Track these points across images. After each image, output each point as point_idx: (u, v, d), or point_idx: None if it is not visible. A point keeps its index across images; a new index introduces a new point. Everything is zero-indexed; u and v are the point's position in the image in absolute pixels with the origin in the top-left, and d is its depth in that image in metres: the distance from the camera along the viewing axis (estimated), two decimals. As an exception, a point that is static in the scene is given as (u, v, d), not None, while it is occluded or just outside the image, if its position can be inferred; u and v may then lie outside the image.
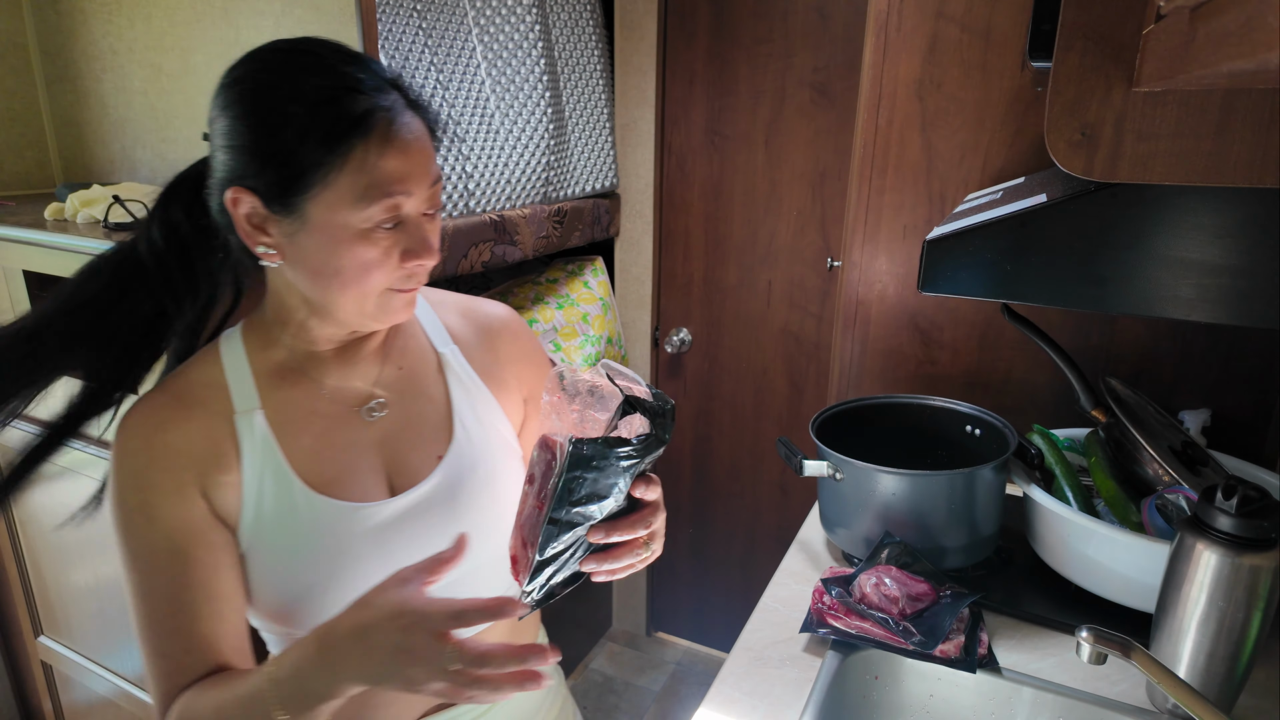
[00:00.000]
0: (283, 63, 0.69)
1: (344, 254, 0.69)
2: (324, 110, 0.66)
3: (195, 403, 0.74)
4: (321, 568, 0.74)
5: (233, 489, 0.73)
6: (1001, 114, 1.31)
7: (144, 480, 0.71)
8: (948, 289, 0.85)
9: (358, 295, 0.72)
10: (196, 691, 0.69)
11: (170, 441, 0.71)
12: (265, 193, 0.68)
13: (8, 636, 1.93)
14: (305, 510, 0.74)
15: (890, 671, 0.98)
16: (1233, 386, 1.27)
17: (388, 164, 0.67)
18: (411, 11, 1.56)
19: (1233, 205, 0.69)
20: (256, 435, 0.74)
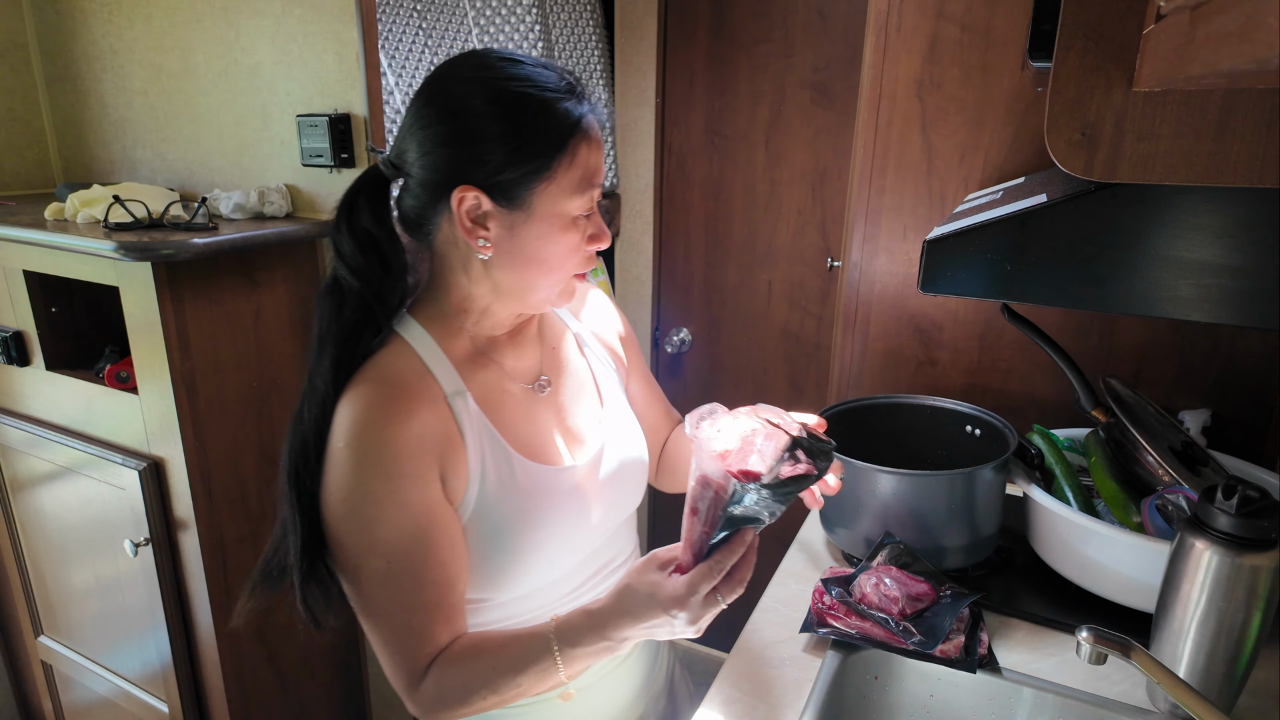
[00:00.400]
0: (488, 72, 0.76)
1: (558, 240, 0.78)
2: (557, 112, 0.75)
3: (417, 391, 0.78)
4: (535, 529, 0.82)
5: (462, 467, 0.79)
6: (1001, 114, 1.31)
7: (395, 469, 0.75)
8: (948, 289, 0.85)
9: (556, 279, 0.81)
10: (460, 656, 0.77)
11: (414, 429, 0.76)
12: (494, 189, 0.76)
13: (8, 636, 1.93)
14: (523, 477, 0.82)
15: (890, 672, 0.98)
16: (1233, 386, 1.27)
17: (594, 157, 0.78)
18: (411, 11, 1.56)
19: (1233, 205, 0.69)
20: (472, 414, 0.81)
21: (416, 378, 0.79)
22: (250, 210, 1.49)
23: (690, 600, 0.69)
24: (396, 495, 0.75)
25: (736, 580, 0.71)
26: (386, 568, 0.75)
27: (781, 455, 0.68)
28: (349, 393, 0.77)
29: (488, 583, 0.83)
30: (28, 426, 1.58)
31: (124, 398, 1.42)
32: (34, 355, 1.55)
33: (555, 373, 0.92)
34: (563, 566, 0.88)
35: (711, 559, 0.69)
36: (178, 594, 1.48)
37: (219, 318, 1.39)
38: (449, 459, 0.78)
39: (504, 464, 0.81)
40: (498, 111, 0.74)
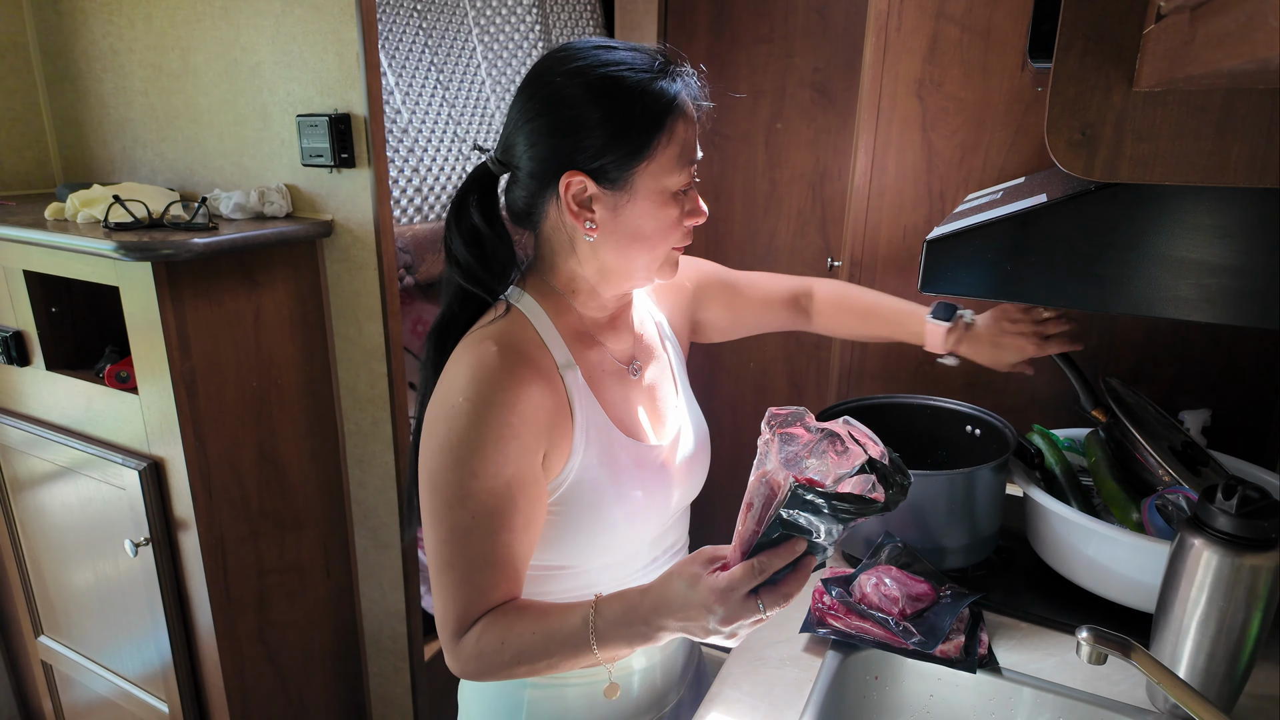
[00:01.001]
0: (598, 60, 0.79)
1: (659, 216, 0.81)
2: (651, 92, 0.78)
3: (535, 360, 0.82)
4: (626, 501, 0.86)
5: (567, 439, 0.82)
6: (1002, 114, 1.31)
7: (507, 430, 0.77)
8: (948, 289, 0.85)
9: (659, 253, 0.84)
10: (505, 614, 0.79)
11: (533, 397, 0.79)
12: (600, 172, 0.79)
13: (8, 636, 1.93)
14: (620, 451, 0.86)
15: (890, 672, 0.98)
16: (1233, 386, 1.27)
17: (691, 133, 0.81)
18: (411, 11, 1.56)
19: (1233, 205, 0.69)
20: (580, 388, 0.84)
21: (534, 347, 0.83)
22: (250, 210, 1.49)
23: (729, 597, 0.69)
24: (501, 454, 0.77)
25: (782, 592, 0.70)
26: (471, 521, 0.78)
27: (851, 469, 0.67)
28: (468, 349, 0.81)
29: (575, 550, 0.87)
30: (28, 426, 1.58)
31: (124, 398, 1.42)
32: (34, 355, 1.55)
33: (644, 357, 0.96)
34: (639, 541, 0.91)
35: (756, 558, 0.69)
36: (178, 594, 1.48)
37: (219, 318, 1.39)
38: (556, 431, 0.81)
39: (605, 437, 0.85)
40: (595, 98, 0.77)
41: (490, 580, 0.79)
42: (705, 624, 0.71)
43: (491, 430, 0.77)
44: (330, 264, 1.56)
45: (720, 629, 0.71)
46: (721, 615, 0.69)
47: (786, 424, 0.72)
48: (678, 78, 0.80)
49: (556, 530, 0.86)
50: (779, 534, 0.68)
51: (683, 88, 0.81)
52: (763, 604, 0.70)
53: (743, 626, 0.71)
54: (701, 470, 0.99)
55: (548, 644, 0.77)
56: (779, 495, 0.66)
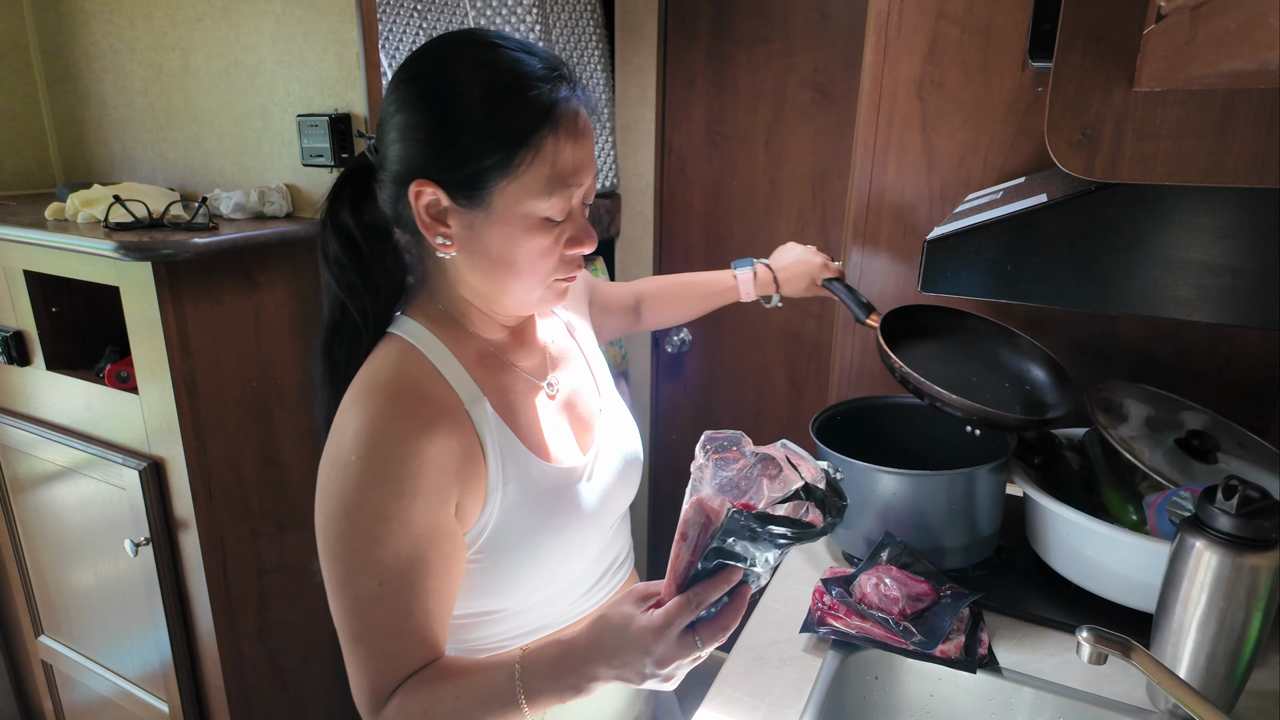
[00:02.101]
0: (464, 55, 0.70)
1: (523, 243, 0.72)
2: (513, 101, 0.68)
3: (436, 401, 0.74)
4: (557, 531, 0.80)
5: (481, 483, 0.75)
6: (1002, 114, 1.31)
7: (410, 487, 0.69)
8: (948, 289, 0.85)
9: (529, 284, 0.75)
10: (427, 681, 0.72)
11: (435, 444, 0.71)
12: (449, 185, 0.70)
13: (8, 636, 1.93)
14: (541, 480, 0.79)
15: (890, 672, 0.98)
16: (1233, 386, 1.27)
17: (569, 154, 0.71)
18: (412, 11, 1.56)
19: (1233, 205, 0.69)
20: (491, 423, 0.77)
21: (432, 385, 0.75)
22: (250, 210, 1.49)
23: (665, 634, 0.63)
24: (405, 515, 0.70)
25: (720, 626, 0.65)
26: (379, 589, 0.70)
27: (786, 493, 0.63)
28: (357, 398, 0.73)
29: (512, 593, 0.80)
30: (28, 426, 1.58)
31: (124, 398, 1.42)
32: (34, 355, 1.55)
33: (558, 367, 0.90)
34: (579, 566, 0.85)
35: (692, 590, 0.64)
36: (178, 594, 1.48)
37: (219, 318, 1.39)
38: (468, 475, 0.74)
39: (524, 470, 0.78)
40: (456, 98, 0.68)
41: (406, 647, 0.72)
42: (641, 667, 0.65)
43: (391, 490, 0.69)
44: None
45: (657, 671, 0.65)
46: (658, 655, 0.64)
47: (723, 448, 0.69)
48: (563, 90, 0.70)
49: (487, 577, 0.78)
50: (715, 563, 0.64)
51: (569, 101, 0.70)
52: (700, 640, 0.64)
53: (680, 667, 0.65)
54: (635, 474, 0.92)
55: (473, 708, 0.70)
56: (715, 523, 0.62)
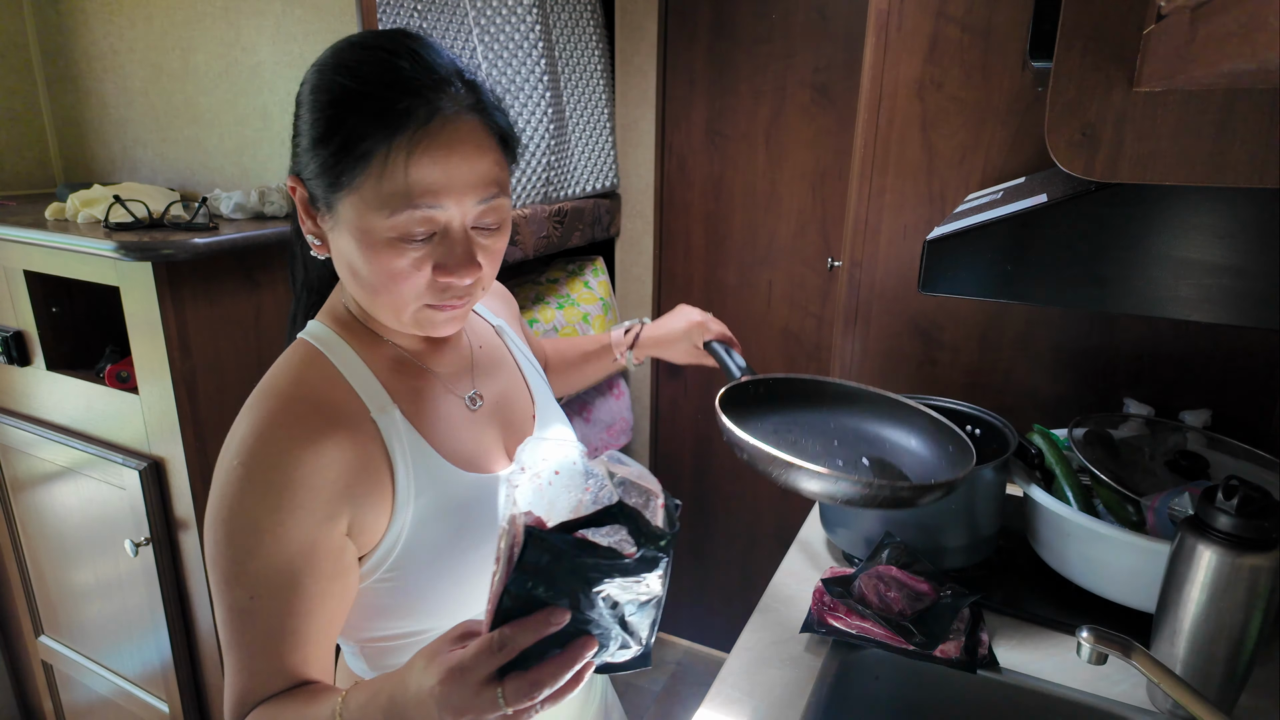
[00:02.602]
0: (337, 59, 0.67)
1: (371, 259, 0.66)
2: (354, 109, 0.63)
3: (333, 408, 0.69)
4: (477, 545, 0.74)
5: (385, 497, 0.70)
6: (1002, 114, 1.31)
7: (286, 500, 0.65)
8: (948, 289, 0.85)
9: (390, 304, 0.69)
10: (277, 706, 0.67)
11: (323, 458, 0.66)
12: (310, 185, 0.69)
13: (8, 636, 1.93)
14: (459, 491, 0.74)
15: (891, 672, 0.98)
16: (1233, 386, 1.27)
17: (416, 172, 0.63)
18: (412, 11, 1.56)
19: (1233, 205, 0.69)
20: (400, 431, 0.72)
21: (333, 391, 0.71)
22: (250, 210, 1.49)
23: (460, 679, 0.54)
24: (280, 529, 0.65)
25: (531, 680, 0.54)
26: (249, 603, 0.65)
27: (597, 516, 0.55)
28: (252, 403, 0.69)
29: (430, 613, 0.74)
30: (28, 426, 1.58)
31: (124, 398, 1.42)
32: (34, 355, 1.55)
33: (486, 374, 0.85)
34: None
35: (499, 631, 0.54)
36: (178, 594, 1.48)
37: (219, 318, 1.39)
38: (367, 490, 0.69)
39: (439, 480, 0.73)
40: (313, 102, 0.66)
41: (272, 667, 0.67)
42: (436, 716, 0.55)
43: (268, 503, 0.64)
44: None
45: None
46: (453, 705, 0.54)
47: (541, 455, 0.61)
48: (432, 101, 0.63)
49: (404, 596, 0.72)
50: (523, 593, 0.54)
51: (430, 115, 0.63)
52: (503, 695, 0.54)
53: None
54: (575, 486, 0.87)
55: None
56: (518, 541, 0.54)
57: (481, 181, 0.66)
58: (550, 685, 0.55)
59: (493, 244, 0.70)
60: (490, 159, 0.67)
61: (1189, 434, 1.18)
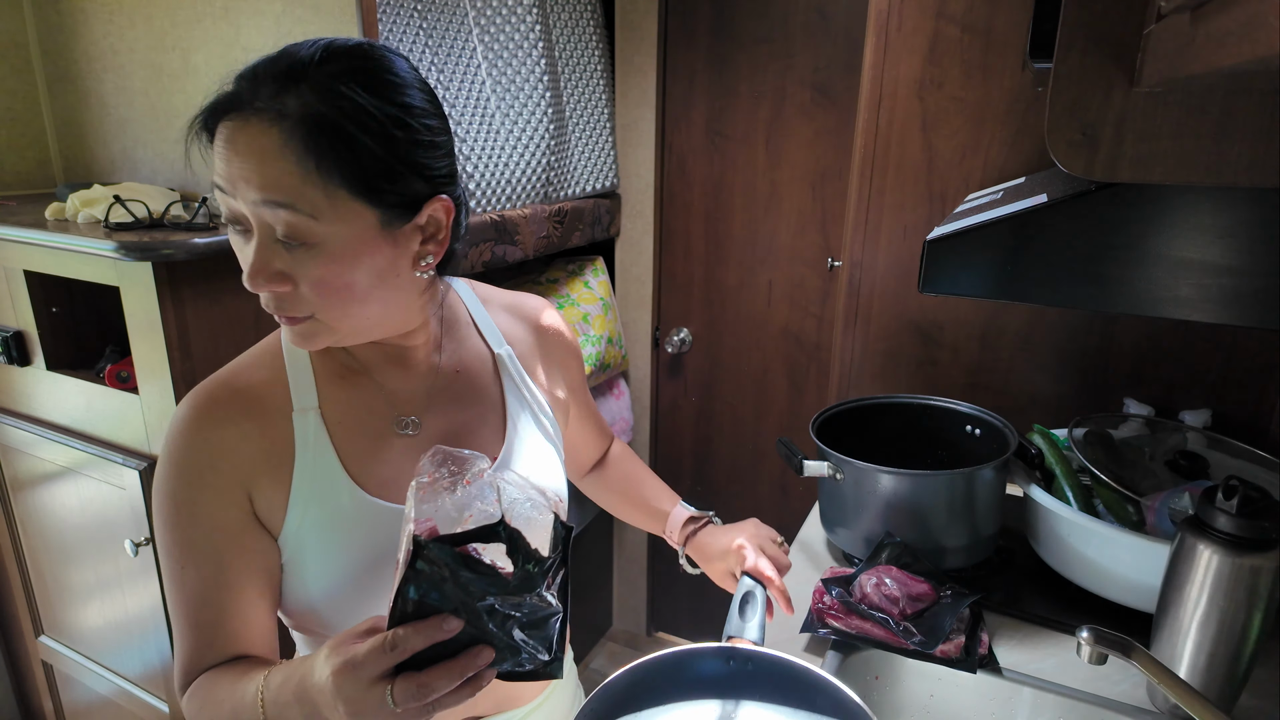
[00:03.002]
0: None
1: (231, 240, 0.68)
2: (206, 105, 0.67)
3: (255, 399, 0.72)
4: (364, 572, 0.73)
5: (281, 490, 0.72)
6: (1002, 114, 1.31)
7: (194, 477, 0.70)
8: (948, 289, 0.85)
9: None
10: (213, 677, 0.70)
11: (225, 440, 0.70)
12: None
13: (8, 636, 1.93)
14: (352, 511, 0.73)
15: (891, 672, 0.98)
16: (1233, 386, 1.27)
17: (217, 163, 0.66)
18: (412, 11, 1.56)
19: (1233, 205, 0.69)
20: (310, 435, 0.73)
21: (266, 387, 0.73)
22: (250, 210, 1.49)
23: (354, 672, 0.55)
24: (193, 505, 0.70)
25: (420, 682, 0.55)
26: (180, 573, 0.71)
27: (481, 531, 0.56)
28: (196, 386, 0.74)
29: (325, 621, 0.75)
30: (28, 426, 1.58)
31: (124, 398, 1.42)
32: (34, 355, 1.54)
33: (449, 402, 0.81)
34: None
35: (394, 631, 0.55)
36: (178, 594, 1.48)
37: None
38: (261, 478, 0.71)
39: (334, 492, 0.72)
40: None
41: (202, 639, 0.71)
42: (332, 708, 0.57)
43: (181, 480, 0.70)
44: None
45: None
46: (345, 697, 0.56)
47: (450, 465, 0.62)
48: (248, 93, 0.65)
49: (298, 593, 0.74)
50: (417, 598, 0.55)
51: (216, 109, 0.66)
52: (393, 695, 0.55)
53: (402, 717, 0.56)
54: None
55: (230, 716, 0.66)
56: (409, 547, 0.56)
57: (256, 181, 0.63)
58: (440, 689, 0.56)
59: (309, 266, 0.65)
60: (275, 169, 0.63)
61: (1189, 434, 1.18)
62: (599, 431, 1.06)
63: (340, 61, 0.65)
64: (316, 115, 0.63)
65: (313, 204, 0.64)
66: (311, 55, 0.65)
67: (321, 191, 0.64)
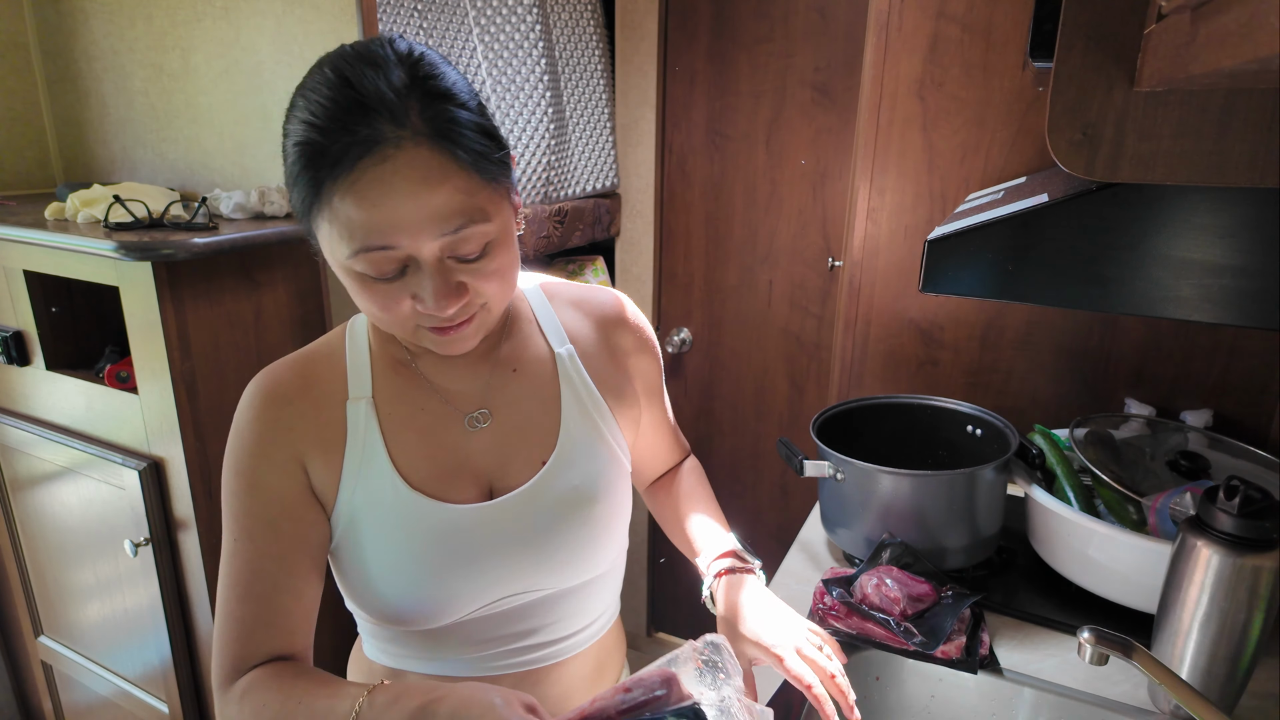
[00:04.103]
0: (301, 92, 0.64)
1: (351, 291, 0.66)
2: (305, 148, 0.61)
3: (314, 382, 0.75)
4: (405, 565, 0.74)
5: (333, 471, 0.74)
6: (1003, 114, 1.31)
7: (257, 449, 0.73)
8: (949, 289, 0.85)
9: (387, 327, 0.69)
10: (267, 676, 0.69)
11: (283, 417, 0.73)
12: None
13: (8, 636, 1.93)
14: (395, 504, 0.73)
15: (891, 672, 0.98)
16: (1234, 386, 1.27)
17: (356, 215, 0.60)
18: (412, 11, 1.56)
19: (1234, 205, 0.69)
20: (362, 423, 0.74)
21: (326, 373, 0.76)
22: (250, 210, 1.49)
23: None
24: (253, 474, 0.73)
25: None
26: (234, 544, 0.73)
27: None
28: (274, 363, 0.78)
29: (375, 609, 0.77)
30: (28, 426, 1.58)
31: (124, 398, 1.42)
32: (34, 355, 1.54)
33: (508, 400, 0.79)
34: (461, 611, 0.76)
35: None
36: (178, 594, 1.48)
37: (219, 318, 1.39)
38: (316, 457, 0.74)
39: (380, 483, 0.74)
40: (285, 139, 0.65)
41: (253, 618, 0.71)
42: None
43: (246, 450, 0.73)
44: (330, 264, 1.55)
45: None
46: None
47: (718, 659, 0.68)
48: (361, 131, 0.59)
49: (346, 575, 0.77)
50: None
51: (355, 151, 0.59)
52: None
53: None
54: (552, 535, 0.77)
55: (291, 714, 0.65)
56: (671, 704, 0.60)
57: (436, 216, 0.61)
58: None
59: (484, 266, 0.66)
60: (446, 189, 0.61)
61: (1190, 434, 1.18)
62: (673, 443, 0.99)
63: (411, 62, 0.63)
64: (443, 118, 0.61)
65: (485, 205, 0.64)
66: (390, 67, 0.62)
67: (485, 189, 0.64)
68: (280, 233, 1.42)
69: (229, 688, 0.71)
